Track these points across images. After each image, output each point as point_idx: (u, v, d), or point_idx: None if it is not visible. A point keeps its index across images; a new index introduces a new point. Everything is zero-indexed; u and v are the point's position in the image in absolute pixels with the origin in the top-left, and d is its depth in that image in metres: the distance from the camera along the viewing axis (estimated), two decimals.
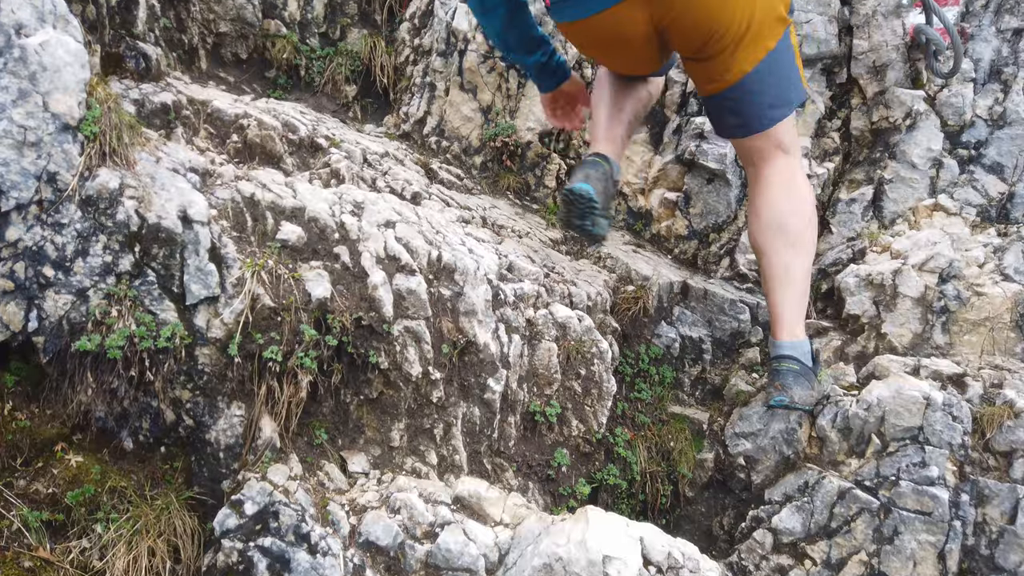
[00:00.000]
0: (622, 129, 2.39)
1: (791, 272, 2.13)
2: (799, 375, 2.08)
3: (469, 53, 3.10)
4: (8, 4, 1.74)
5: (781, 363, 2.10)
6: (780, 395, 2.06)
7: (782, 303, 2.14)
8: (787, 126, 2.15)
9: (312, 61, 3.42)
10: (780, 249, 2.14)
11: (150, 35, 2.83)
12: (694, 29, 1.99)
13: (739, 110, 2.13)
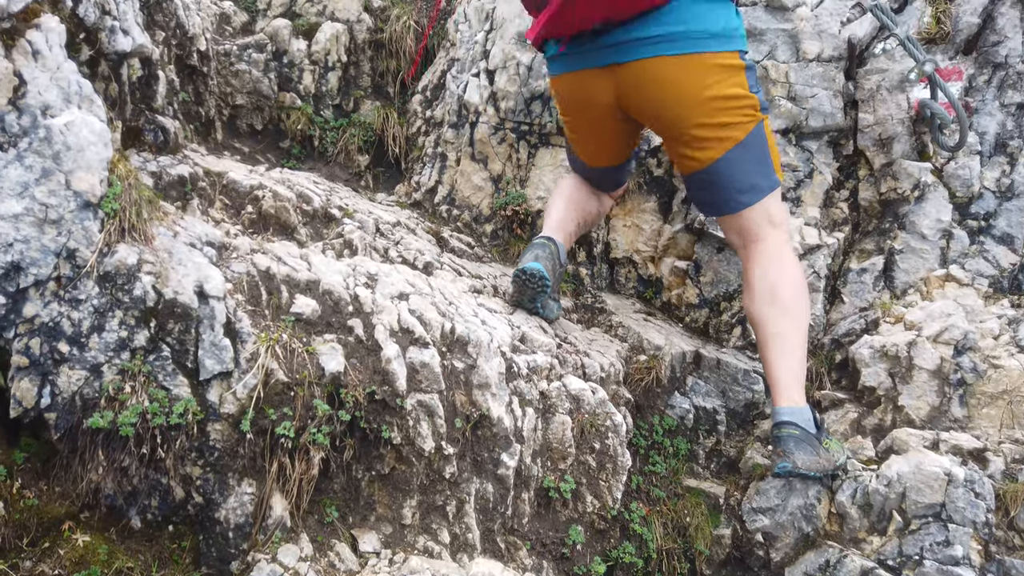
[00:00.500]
0: (572, 227, 2.56)
1: (787, 340, 2.18)
2: (800, 440, 2.07)
3: (480, 125, 3.16)
4: (35, 86, 1.79)
5: (781, 429, 2.10)
6: (784, 461, 2.03)
7: (779, 370, 2.17)
8: (772, 205, 2.25)
9: (326, 132, 3.49)
10: (775, 319, 2.19)
11: (169, 109, 2.89)
12: (646, 110, 2.22)
13: (711, 192, 2.28)
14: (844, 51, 2.63)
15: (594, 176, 2.63)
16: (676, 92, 2.13)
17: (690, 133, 2.16)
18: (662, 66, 2.10)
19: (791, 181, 2.68)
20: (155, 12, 2.94)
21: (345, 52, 3.52)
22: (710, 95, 2.11)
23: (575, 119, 2.47)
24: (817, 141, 2.67)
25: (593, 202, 2.65)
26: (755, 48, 2.71)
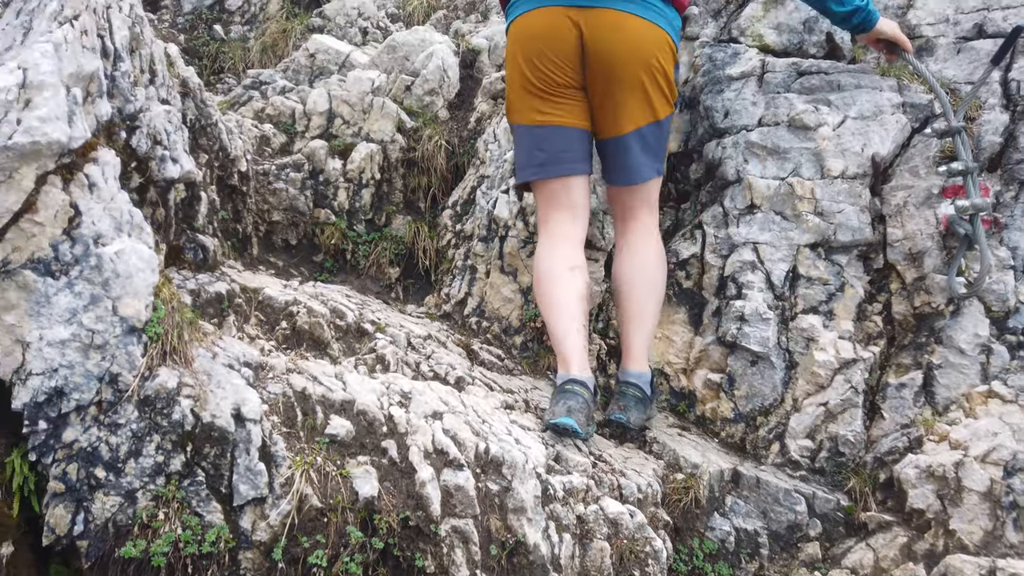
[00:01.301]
0: (584, 341, 2.52)
1: (647, 312, 2.62)
2: (640, 401, 2.55)
3: (510, 239, 3.22)
4: (90, 216, 1.86)
5: (628, 388, 2.56)
6: (620, 413, 2.50)
7: (636, 339, 2.61)
8: (655, 190, 2.70)
9: (358, 246, 3.58)
10: (643, 294, 2.61)
11: (209, 227, 2.98)
12: (602, 55, 2.42)
13: (623, 158, 2.59)
14: (868, 168, 2.68)
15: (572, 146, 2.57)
16: (633, 46, 2.43)
17: (640, 88, 2.47)
18: (628, 20, 2.40)
19: (822, 294, 2.68)
20: (200, 136, 3.08)
21: (379, 170, 3.64)
22: (655, 64, 2.47)
23: (544, 63, 2.48)
24: (847, 255, 2.69)
25: (585, 289, 2.57)
26: (779, 166, 2.78)
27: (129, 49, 2.49)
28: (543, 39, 2.46)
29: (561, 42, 2.44)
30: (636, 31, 2.42)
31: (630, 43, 2.42)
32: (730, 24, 3.15)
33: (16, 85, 1.75)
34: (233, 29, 4.83)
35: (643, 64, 2.46)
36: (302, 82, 4.16)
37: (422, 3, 5.11)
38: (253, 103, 3.95)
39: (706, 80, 3.05)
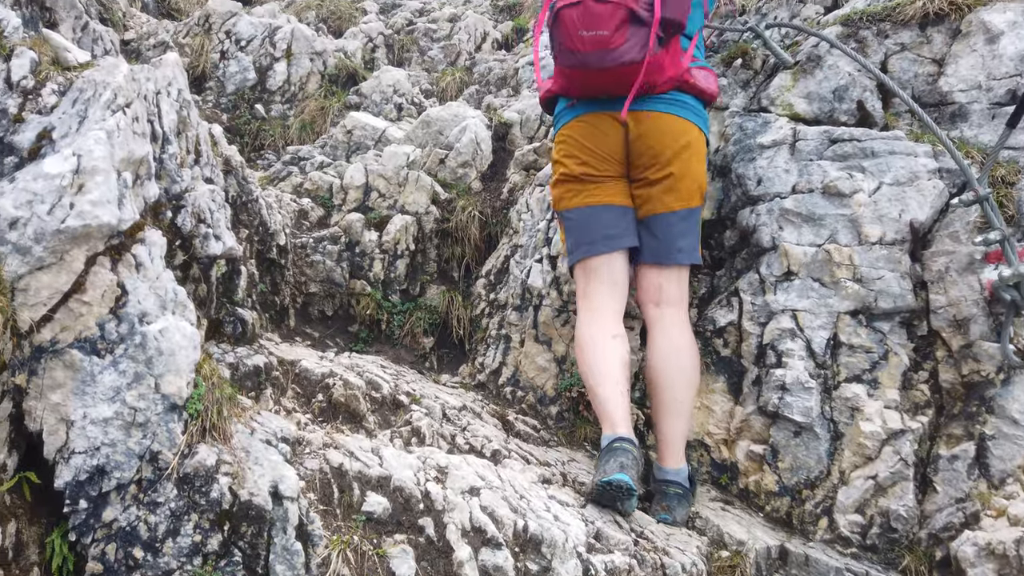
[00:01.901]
0: (628, 404, 2.57)
1: (685, 406, 2.63)
2: (682, 498, 2.54)
3: (544, 308, 3.22)
4: (136, 296, 1.90)
5: (668, 487, 2.56)
6: (665, 514, 2.50)
7: (674, 433, 2.60)
8: (687, 277, 2.75)
9: (393, 315, 3.60)
10: (681, 385, 2.61)
11: (248, 300, 3.03)
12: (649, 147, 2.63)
13: (666, 236, 2.68)
14: (907, 234, 2.65)
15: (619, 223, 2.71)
16: (677, 141, 2.64)
17: (669, 172, 2.64)
18: (670, 120, 2.63)
19: (865, 363, 2.62)
20: (241, 212, 3.17)
21: (413, 241, 3.70)
22: (694, 158, 2.69)
23: (592, 156, 2.69)
24: (889, 322, 2.63)
25: (626, 355, 2.65)
26: (815, 232, 2.76)
27: (176, 132, 2.59)
28: (592, 136, 2.68)
29: (610, 138, 2.66)
30: (672, 126, 2.64)
31: (667, 133, 2.64)
32: (759, 94, 3.19)
33: (70, 171, 1.83)
34: (273, 108, 5.01)
35: (677, 153, 2.65)
36: (339, 157, 4.28)
37: (455, 79, 5.27)
38: (292, 178, 4.06)
39: (737, 149, 3.07)
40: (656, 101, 2.62)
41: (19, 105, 2.20)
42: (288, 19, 5.54)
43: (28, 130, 2.10)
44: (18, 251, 1.75)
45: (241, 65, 5.10)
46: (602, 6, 2.41)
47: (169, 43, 5.17)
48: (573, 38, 2.45)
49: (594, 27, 2.42)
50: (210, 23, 5.34)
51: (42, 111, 2.17)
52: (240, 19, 5.32)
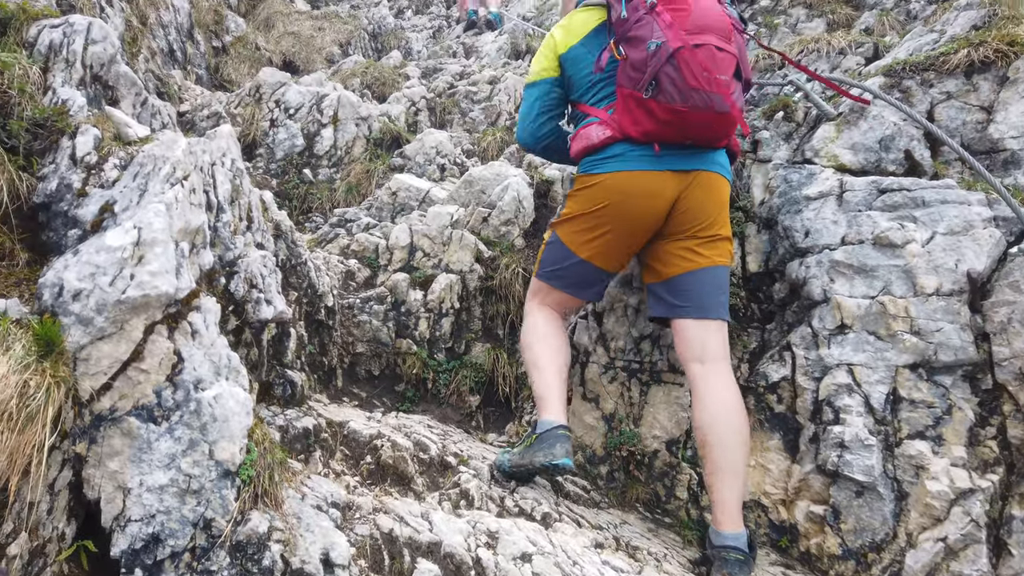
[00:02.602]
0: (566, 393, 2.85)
1: (739, 466, 2.53)
2: (743, 564, 2.41)
3: (591, 364, 3.19)
4: (191, 363, 1.94)
5: (729, 553, 2.42)
6: None
7: (731, 495, 2.49)
8: (726, 333, 2.70)
9: (439, 374, 3.60)
10: (734, 444, 2.53)
11: (297, 362, 3.07)
12: (695, 208, 2.66)
13: (711, 291, 2.68)
14: (964, 284, 2.57)
15: (594, 284, 2.90)
16: (721, 201, 2.73)
17: (715, 231, 2.70)
18: (719, 180, 2.71)
19: (928, 418, 2.52)
20: (290, 274, 3.23)
21: (458, 299, 3.72)
22: (727, 215, 2.79)
23: (612, 218, 2.71)
24: (951, 376, 2.54)
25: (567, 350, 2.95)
26: (868, 284, 2.70)
27: (230, 200, 2.67)
28: (645, 197, 2.66)
29: (660, 201, 2.66)
30: (719, 190, 2.74)
31: (712, 200, 2.70)
32: (803, 146, 3.17)
33: (131, 243, 1.89)
34: (321, 172, 5.15)
35: (709, 214, 2.71)
36: (385, 218, 4.36)
37: (496, 139, 5.37)
38: (339, 240, 4.15)
39: (783, 201, 3.05)
40: (712, 162, 2.69)
41: (83, 180, 2.30)
42: (334, 87, 5.73)
43: (91, 203, 2.19)
44: (81, 322, 1.81)
45: (290, 132, 5.28)
46: (723, 54, 2.48)
47: (222, 113, 5.38)
48: (699, 78, 2.43)
49: (719, 71, 2.46)
50: (260, 93, 5.56)
51: (104, 185, 2.26)
52: (289, 88, 5.53)
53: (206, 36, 7.43)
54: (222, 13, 8.08)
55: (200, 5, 7.52)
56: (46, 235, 2.26)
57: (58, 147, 2.44)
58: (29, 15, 2.83)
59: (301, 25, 9.17)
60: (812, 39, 3.71)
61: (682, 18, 2.48)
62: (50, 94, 2.61)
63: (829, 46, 3.57)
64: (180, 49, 6.54)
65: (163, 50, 6.09)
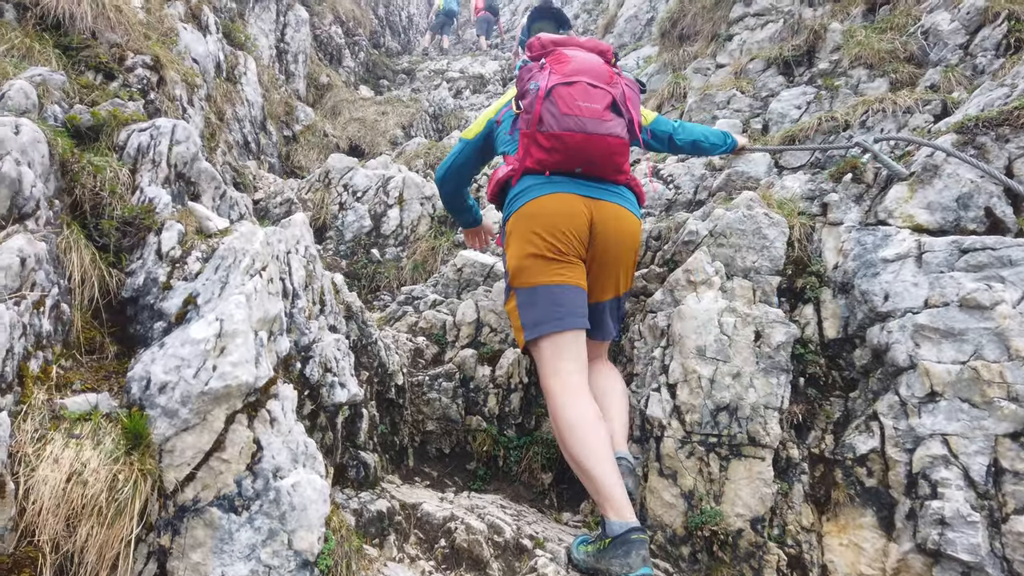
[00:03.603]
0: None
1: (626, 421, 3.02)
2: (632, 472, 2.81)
3: (666, 439, 3.10)
4: (270, 451, 1.96)
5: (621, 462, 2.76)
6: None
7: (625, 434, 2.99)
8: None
9: (510, 451, 3.56)
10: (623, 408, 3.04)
11: (369, 443, 3.08)
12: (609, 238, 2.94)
13: (611, 318, 3.11)
14: None
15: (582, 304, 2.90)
16: (627, 234, 3.00)
17: (625, 267, 3.04)
18: (624, 212, 2.98)
19: None
20: (361, 354, 3.28)
21: (526, 374, 3.70)
22: (635, 250, 3.10)
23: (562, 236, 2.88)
24: None
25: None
26: (957, 348, 2.58)
27: (304, 285, 2.75)
28: (565, 216, 2.89)
29: (579, 220, 2.90)
30: (630, 222, 3.01)
31: (625, 231, 2.99)
32: (875, 207, 3.10)
33: (214, 335, 1.95)
34: (388, 251, 5.28)
35: (630, 248, 3.05)
36: (451, 295, 4.41)
37: None
38: (407, 317, 4.20)
39: (858, 264, 2.96)
40: (616, 195, 2.98)
41: (168, 273, 2.40)
42: (399, 168, 5.93)
43: (175, 296, 2.28)
44: (166, 414, 1.86)
45: (358, 214, 5.45)
46: (595, 89, 2.89)
47: (294, 199, 5.61)
48: (571, 106, 2.83)
49: (590, 101, 2.85)
50: (329, 178, 5.78)
51: (187, 278, 2.36)
52: (356, 173, 5.74)
53: (278, 127, 7.82)
54: (292, 104, 8.51)
55: (272, 98, 7.95)
56: (134, 328, 2.36)
57: (145, 243, 2.58)
58: (119, 120, 3.03)
59: (365, 111, 9.58)
60: (876, 99, 3.65)
61: (561, 67, 2.95)
62: (138, 193, 2.76)
63: (895, 105, 3.50)
64: (254, 140, 6.89)
65: (238, 142, 6.43)
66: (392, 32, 17.26)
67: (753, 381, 2.95)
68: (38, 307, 1.97)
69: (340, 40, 12.43)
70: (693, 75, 6.05)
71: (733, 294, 3.21)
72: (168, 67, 3.99)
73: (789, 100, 4.49)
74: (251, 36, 8.15)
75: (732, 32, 5.95)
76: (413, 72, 14.33)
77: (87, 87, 3.29)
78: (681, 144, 3.56)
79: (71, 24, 3.47)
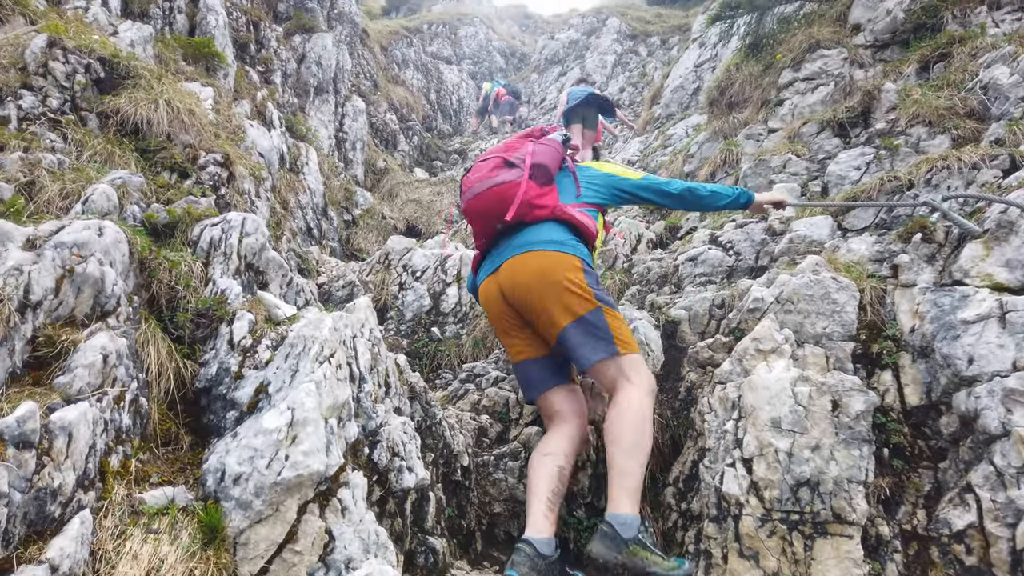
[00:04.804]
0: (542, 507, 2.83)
1: (625, 471, 2.74)
2: (606, 536, 2.64)
3: (744, 518, 2.96)
4: (342, 541, 1.94)
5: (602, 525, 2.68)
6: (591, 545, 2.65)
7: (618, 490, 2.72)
8: (624, 365, 2.90)
9: (579, 532, 3.45)
10: (615, 454, 2.77)
11: (437, 527, 3.02)
12: (521, 300, 3.00)
13: (571, 351, 2.94)
14: None
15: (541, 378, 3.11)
16: (537, 274, 2.96)
17: (554, 299, 2.93)
18: (525, 259, 2.99)
19: None
20: (426, 436, 3.26)
21: (594, 451, 3.61)
22: (559, 279, 2.93)
23: (496, 320, 3.17)
24: None
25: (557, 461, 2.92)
26: None
27: (370, 367, 2.77)
28: (488, 303, 3.17)
29: (496, 300, 3.11)
30: (526, 263, 3.01)
31: (526, 275, 3.00)
32: (949, 267, 2.99)
33: (285, 424, 1.97)
34: (448, 328, 5.31)
35: (542, 283, 2.97)
36: (512, 371, 4.39)
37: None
38: (469, 395, 4.18)
39: (937, 327, 2.85)
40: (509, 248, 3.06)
41: (239, 363, 2.45)
42: (455, 247, 6.02)
43: (247, 385, 2.32)
44: (240, 506, 1.86)
45: (417, 293, 5.53)
46: (484, 162, 3.23)
47: (355, 282, 5.73)
48: (467, 181, 3.22)
49: (478, 171, 3.20)
50: (389, 260, 5.90)
51: (258, 366, 2.40)
52: (414, 253, 5.85)
53: (338, 211, 8.08)
54: (351, 189, 8.81)
55: (332, 184, 8.24)
56: (207, 418, 2.40)
57: (217, 333, 2.65)
58: (193, 216, 3.17)
59: (421, 192, 9.84)
60: (940, 156, 3.57)
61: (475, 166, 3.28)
62: (210, 285, 2.86)
63: (960, 162, 3.42)
64: (316, 226, 7.12)
65: (301, 229, 6.66)
66: (443, 115, 17.88)
67: (834, 453, 2.82)
68: (118, 402, 2.02)
69: (395, 126, 12.92)
70: (745, 141, 6.05)
71: (805, 362, 3.11)
72: (237, 163, 4.18)
73: (847, 161, 4.43)
74: (312, 128, 8.53)
75: (782, 97, 5.96)
76: (465, 152, 14.73)
77: (163, 186, 3.46)
78: (678, 192, 3.40)
79: (148, 128, 3.68)
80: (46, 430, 1.68)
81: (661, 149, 9.65)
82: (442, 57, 20.63)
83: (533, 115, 18.77)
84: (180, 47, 5.67)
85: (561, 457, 2.94)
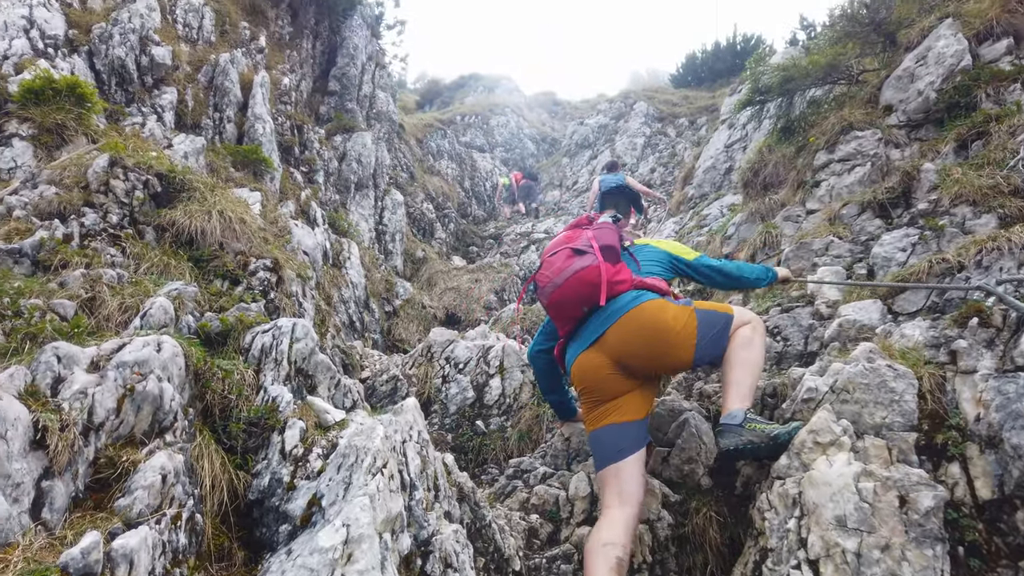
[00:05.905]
0: None
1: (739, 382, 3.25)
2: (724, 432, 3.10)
3: None
4: None
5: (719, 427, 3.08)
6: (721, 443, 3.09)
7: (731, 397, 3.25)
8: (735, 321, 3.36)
9: None
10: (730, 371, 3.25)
11: None
12: (637, 353, 3.24)
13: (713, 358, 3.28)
14: None
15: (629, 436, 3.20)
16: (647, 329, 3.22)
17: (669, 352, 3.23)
18: (625, 321, 3.23)
19: None
20: (475, 539, 3.19)
21: (649, 552, 3.49)
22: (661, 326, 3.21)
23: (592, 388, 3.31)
24: None
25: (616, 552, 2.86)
26: None
27: (419, 472, 2.74)
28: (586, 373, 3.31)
29: (599, 367, 3.26)
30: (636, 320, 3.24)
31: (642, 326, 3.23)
32: (1010, 353, 2.90)
33: (340, 542, 1.95)
34: (492, 421, 5.27)
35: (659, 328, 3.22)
36: (561, 466, 4.31)
37: None
38: (517, 493, 4.10)
39: (1003, 416, 2.74)
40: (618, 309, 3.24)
41: (291, 473, 2.45)
42: (497, 337, 6.03)
43: (299, 497, 2.31)
44: None
45: (460, 386, 5.52)
46: (553, 256, 3.47)
47: (399, 376, 5.75)
48: (542, 278, 3.43)
49: (551, 267, 3.43)
50: (431, 352, 5.93)
51: (310, 476, 2.40)
52: (457, 345, 5.87)
53: (379, 303, 8.20)
54: (392, 281, 8.95)
55: (373, 277, 8.40)
56: (259, 531, 2.39)
57: (269, 443, 2.66)
58: (244, 324, 3.24)
59: (459, 279, 9.97)
60: (989, 237, 3.52)
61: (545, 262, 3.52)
62: (262, 393, 2.89)
63: (1010, 243, 3.36)
64: (358, 319, 7.22)
65: (344, 323, 6.75)
66: (478, 201, 18.28)
67: (905, 553, 2.68)
68: (175, 522, 2.03)
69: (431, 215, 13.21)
70: (783, 223, 6.04)
71: (867, 455, 3.00)
72: (285, 266, 4.30)
73: (892, 243, 4.38)
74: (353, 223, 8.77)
75: (818, 179, 5.97)
76: (500, 236, 14.95)
77: (216, 294, 3.56)
78: (735, 272, 3.82)
79: (202, 239, 3.82)
80: (108, 558, 1.69)
81: (697, 229, 9.69)
82: (475, 146, 21.26)
83: (566, 197, 19.09)
84: (230, 154, 5.93)
85: (619, 548, 2.88)
